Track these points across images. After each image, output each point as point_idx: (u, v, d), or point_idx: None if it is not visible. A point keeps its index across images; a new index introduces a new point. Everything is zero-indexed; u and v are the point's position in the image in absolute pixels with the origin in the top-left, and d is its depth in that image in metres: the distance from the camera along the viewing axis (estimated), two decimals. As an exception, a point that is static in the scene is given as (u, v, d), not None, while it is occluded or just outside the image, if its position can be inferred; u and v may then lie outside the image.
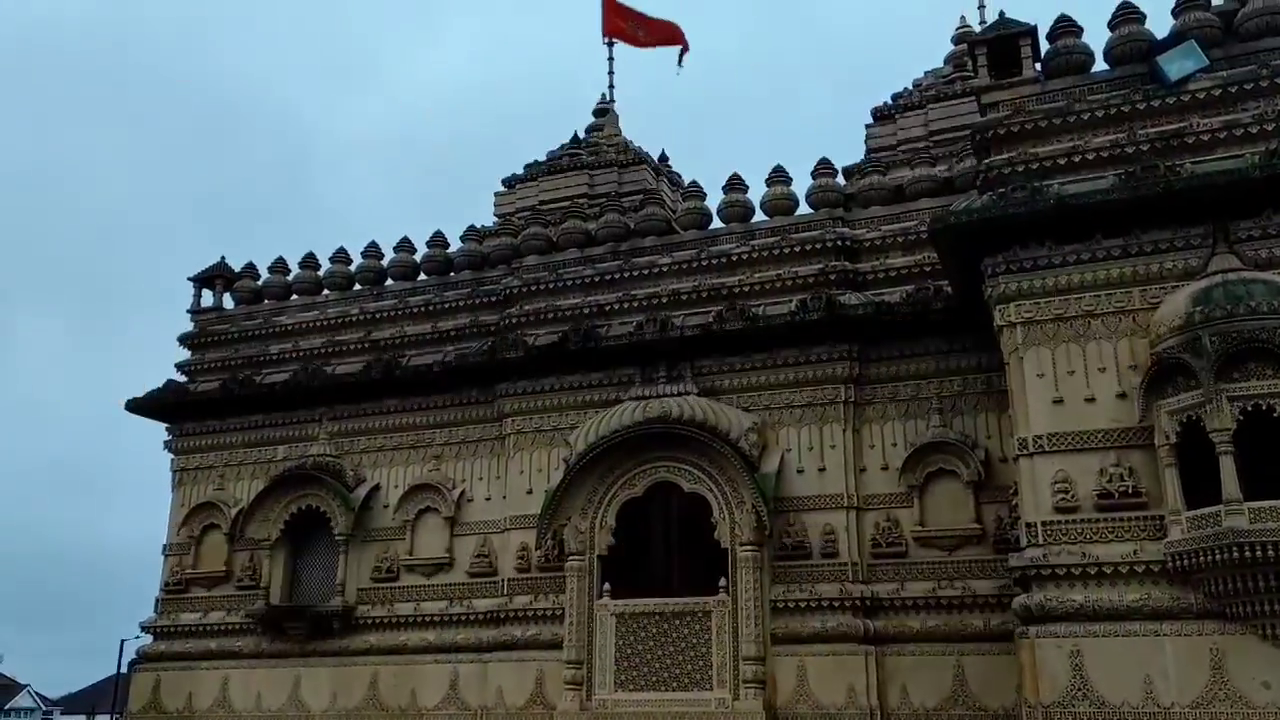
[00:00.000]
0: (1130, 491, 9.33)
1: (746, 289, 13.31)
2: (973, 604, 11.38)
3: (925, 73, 16.46)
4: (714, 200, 14.18)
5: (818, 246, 13.19)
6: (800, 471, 12.39)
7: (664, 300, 13.64)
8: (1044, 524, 9.49)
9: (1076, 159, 10.26)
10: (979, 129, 10.86)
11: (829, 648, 11.65)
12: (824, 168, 13.76)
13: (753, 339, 12.84)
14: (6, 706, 73.28)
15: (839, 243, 13.14)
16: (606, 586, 12.54)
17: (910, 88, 16.14)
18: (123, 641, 48.02)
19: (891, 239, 13.13)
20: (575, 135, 17.64)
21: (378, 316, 15.51)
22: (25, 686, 75.72)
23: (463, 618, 13.51)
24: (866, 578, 11.89)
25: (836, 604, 11.76)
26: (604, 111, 18.21)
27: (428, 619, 13.68)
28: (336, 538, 14.25)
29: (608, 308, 13.92)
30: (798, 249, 13.27)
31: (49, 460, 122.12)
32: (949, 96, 15.30)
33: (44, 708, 76.61)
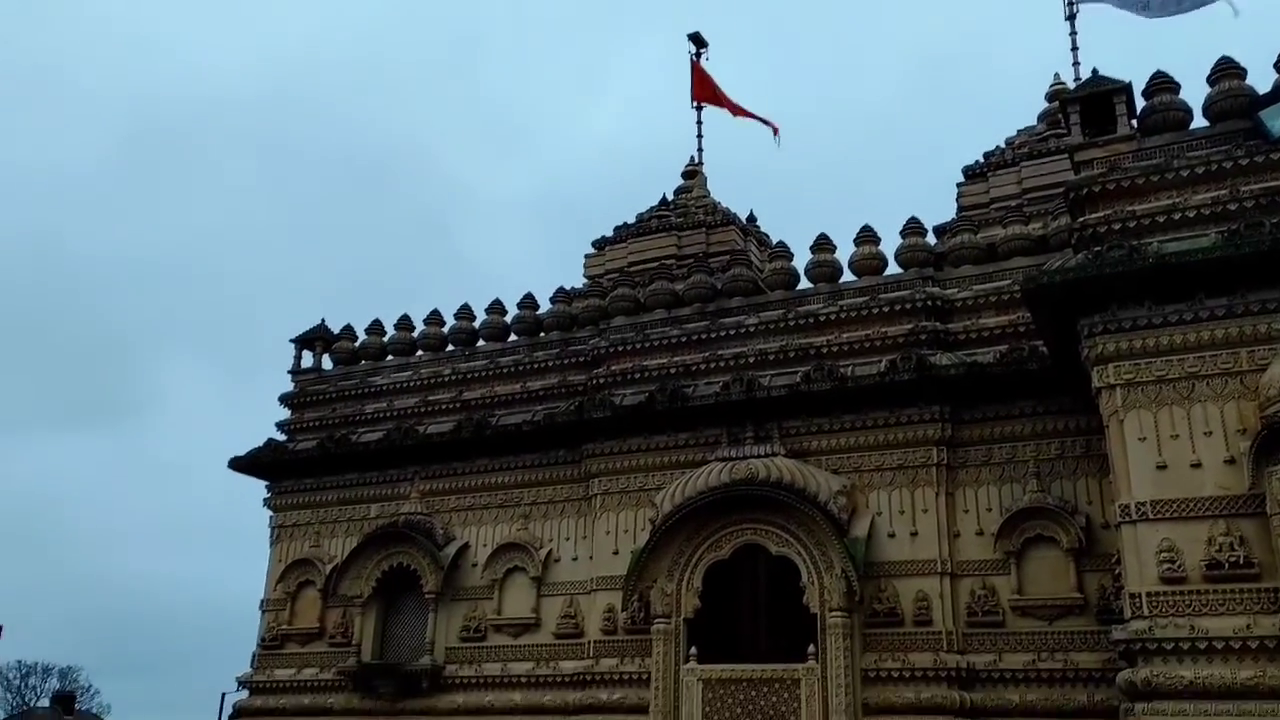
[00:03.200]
0: (1241, 562, 8.87)
1: (835, 349, 13.18)
2: (1075, 677, 10.90)
3: (1018, 130, 16.23)
4: (801, 261, 14.15)
5: (907, 306, 13.02)
6: (891, 536, 12.11)
7: (751, 360, 13.60)
8: (1149, 595, 9.07)
9: (1176, 216, 9.96)
10: (1073, 187, 10.64)
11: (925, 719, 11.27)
12: (913, 227, 13.63)
13: (841, 400, 12.68)
14: (112, 755, 75.22)
15: (929, 302, 12.95)
16: (693, 651, 12.37)
17: (1003, 146, 15.94)
18: (223, 695, 49.12)
19: (984, 298, 12.89)
20: (664, 197, 17.85)
21: (469, 376, 15.80)
22: (130, 735, 77.64)
23: (549, 679, 13.47)
24: (962, 647, 11.50)
25: (931, 674, 11.39)
26: (693, 173, 18.40)
27: (514, 680, 13.68)
28: (426, 596, 14.40)
29: (694, 368, 13.93)
30: (887, 309, 13.11)
31: (175, 514, 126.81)
32: (1042, 154, 15.05)
33: (147, 757, 78.34)
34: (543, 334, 15.79)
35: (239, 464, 16.42)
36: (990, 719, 11.13)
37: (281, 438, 16.73)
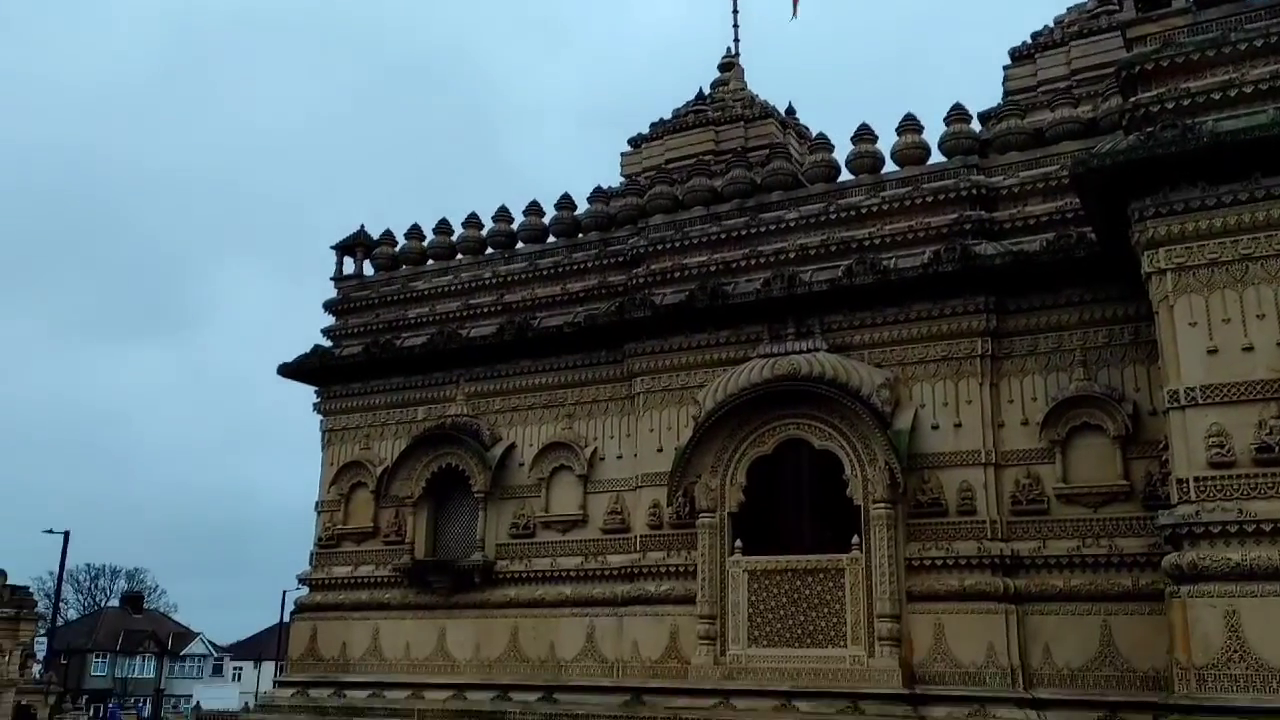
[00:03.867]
0: (1293, 445, 8.77)
1: (877, 242, 13.01)
2: (1120, 563, 10.97)
3: (1067, 9, 15.61)
4: (842, 153, 13.87)
5: (951, 196, 12.77)
6: (935, 428, 12.11)
7: (792, 256, 13.47)
8: (1197, 480, 9.03)
9: (1232, 93, 9.60)
10: (1125, 65, 10.27)
11: (968, 606, 11.43)
12: (957, 113, 13.27)
13: (884, 293, 12.56)
14: (182, 652, 78.90)
15: (974, 191, 12.69)
16: (738, 544, 12.59)
17: (1051, 25, 15.35)
18: (284, 593, 51.03)
19: (1030, 185, 12.59)
20: (700, 91, 17.48)
21: (509, 279, 15.83)
22: (198, 635, 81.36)
23: (598, 573, 13.80)
24: (1005, 535, 11.58)
25: (974, 562, 11.51)
26: (729, 66, 17.97)
27: (564, 574, 14.02)
28: (475, 495, 14.72)
29: (735, 265, 13.84)
30: (930, 199, 12.87)
31: (234, 421, 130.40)
32: (1093, 32, 14.49)
33: (215, 654, 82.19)
34: (581, 235, 15.73)
35: (287, 370, 16.72)
36: (1034, 603, 11.26)
37: (328, 344, 16.97)
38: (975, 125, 13.38)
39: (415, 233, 17.06)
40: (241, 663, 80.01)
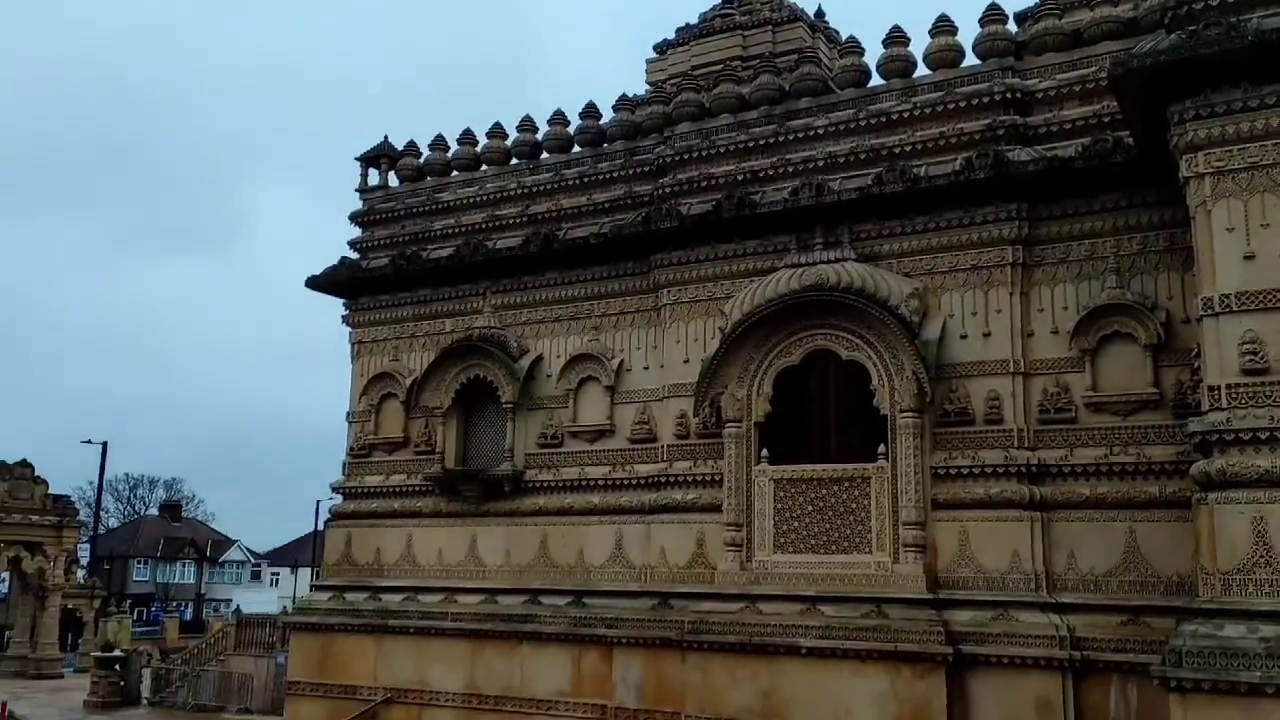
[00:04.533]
0: (1328, 352, 8.67)
1: (908, 149, 12.78)
2: (1148, 470, 10.98)
3: (1109, -98, 15.00)
4: (873, 57, 13.54)
5: (985, 100, 12.47)
6: (963, 337, 12.06)
7: (820, 164, 13.27)
8: (1228, 387, 8.96)
9: (1282, -13, 9.24)
10: (1169, -40, 9.87)
11: (993, 514, 11.51)
12: (993, 14, 12.87)
13: (914, 201, 12.39)
14: (221, 559, 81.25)
15: (1008, 95, 12.38)
16: (764, 453, 12.70)
17: (1091, -80, 14.77)
18: (318, 502, 52.23)
19: (1067, 88, 12.26)
20: (727, -6, 17.05)
21: (534, 190, 15.73)
22: (235, 542, 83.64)
23: (625, 482, 13.98)
24: (1032, 444, 11.59)
25: (1000, 470, 11.55)
26: (757, -33, 17.46)
27: (592, 483, 14.22)
28: (504, 406, 14.88)
29: (762, 174, 13.66)
30: (963, 104, 12.58)
31: (270, 333, 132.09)
32: (1136, -73, 13.93)
33: (252, 561, 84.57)
34: (607, 145, 15.53)
35: (315, 283, 16.81)
36: (1060, 510, 11.33)
37: (355, 256, 17.02)
38: (1011, 26, 12.99)
39: (439, 144, 16.93)
40: (278, 569, 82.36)
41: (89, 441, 43.89)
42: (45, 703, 22.17)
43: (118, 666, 22.57)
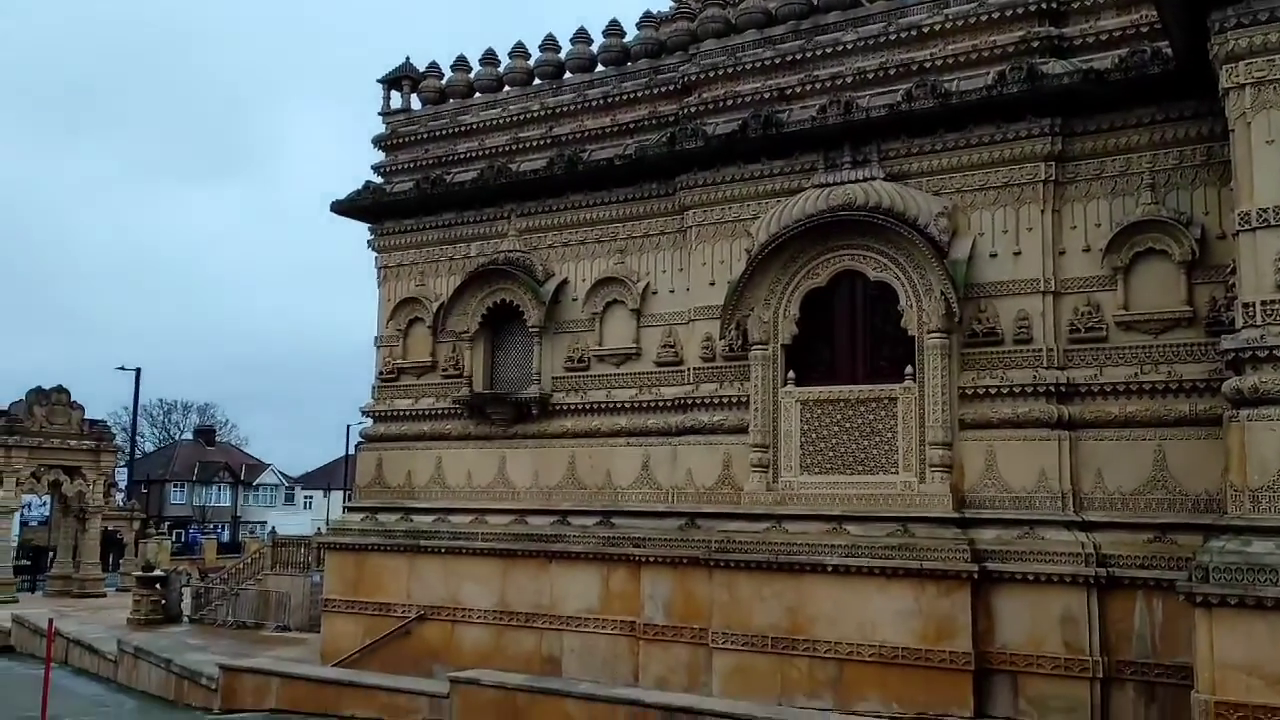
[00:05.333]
0: (1368, 267, 8.50)
1: (938, 63, 12.49)
2: (1178, 388, 10.90)
3: None
4: (904, -34, 13.14)
5: (1019, 11, 12.12)
6: (993, 256, 11.91)
7: (849, 80, 13.00)
8: (1264, 303, 8.81)
9: (1333, -114, 8.85)
10: None
11: (1020, 433, 11.51)
12: (1028, -79, 12.43)
13: (944, 118, 12.15)
14: (255, 482, 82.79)
15: (1043, 6, 12.02)
16: (791, 375, 12.70)
17: None
18: (348, 426, 52.90)
19: (1104, -2, 11.89)
20: (753, -95, 16.52)
21: (558, 111, 15.53)
22: (269, 466, 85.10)
23: (651, 404, 14.05)
24: (1062, 364, 11.52)
25: (1029, 390, 11.51)
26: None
27: (618, 405, 14.30)
28: (530, 329, 14.92)
29: (789, 91, 13.41)
30: (996, 15, 12.24)
31: (300, 260, 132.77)
32: None
33: (286, 484, 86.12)
34: (630, 64, 15.26)
35: (340, 208, 16.79)
36: (1088, 429, 11.30)
37: (379, 180, 16.94)
38: (1047, -67, 12.53)
39: (462, 65, 16.70)
40: (311, 492, 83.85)
41: (122, 368, 44.48)
42: (90, 620, 22.87)
43: (159, 586, 23.20)
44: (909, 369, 12.02)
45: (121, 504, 39.96)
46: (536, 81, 16.01)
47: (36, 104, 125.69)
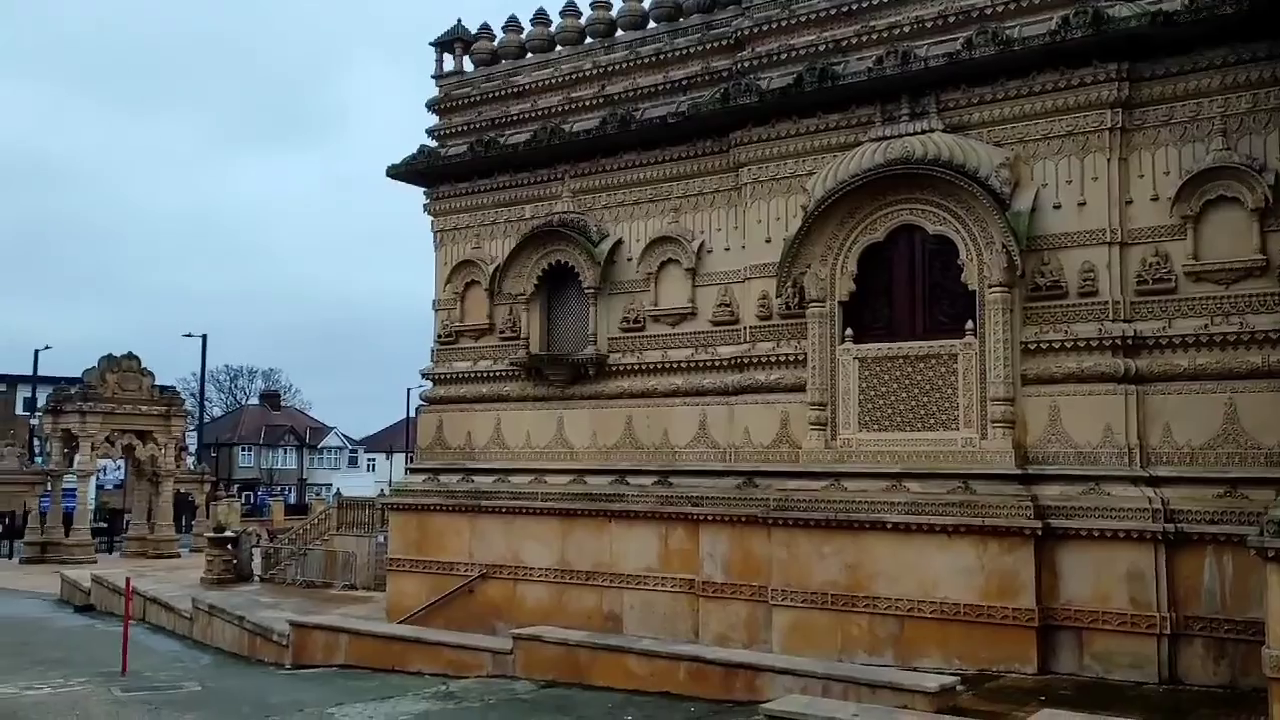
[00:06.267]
0: None
1: (999, 9, 12.14)
2: (1250, 340, 10.60)
3: None
4: (962, -90, 12.77)
5: (1083, -47, 11.73)
6: (1057, 207, 11.64)
7: (906, 30, 12.71)
8: (1342, 252, 8.55)
9: None
10: None
11: (1085, 388, 11.30)
12: None
13: (1005, 66, 11.84)
14: (320, 445, 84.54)
15: (1109, -54, 11.63)
16: (848, 332, 12.59)
17: None
18: (409, 390, 53.69)
19: (1174, -64, 11.46)
20: None
21: (610, 70, 15.43)
22: (333, 429, 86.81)
23: (708, 364, 14.03)
24: (1129, 316, 11.26)
25: (1094, 343, 11.28)
26: None
27: (674, 365, 14.31)
28: (585, 290, 14.95)
29: (845, 43, 13.16)
30: (1059, -42, 11.86)
31: (366, 225, 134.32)
32: None
33: (349, 447, 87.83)
34: (682, 19, 15.08)
35: (395, 172, 16.90)
36: (1155, 383, 11.06)
37: (433, 144, 17.02)
38: None
39: (513, 25, 16.65)
40: (374, 454, 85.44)
41: (189, 335, 45.56)
42: (165, 579, 23.64)
43: (230, 546, 23.84)
44: (969, 324, 11.85)
45: (192, 467, 41.07)
46: (588, 40, 15.91)
47: (107, 75, 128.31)
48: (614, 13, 15.69)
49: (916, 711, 8.87)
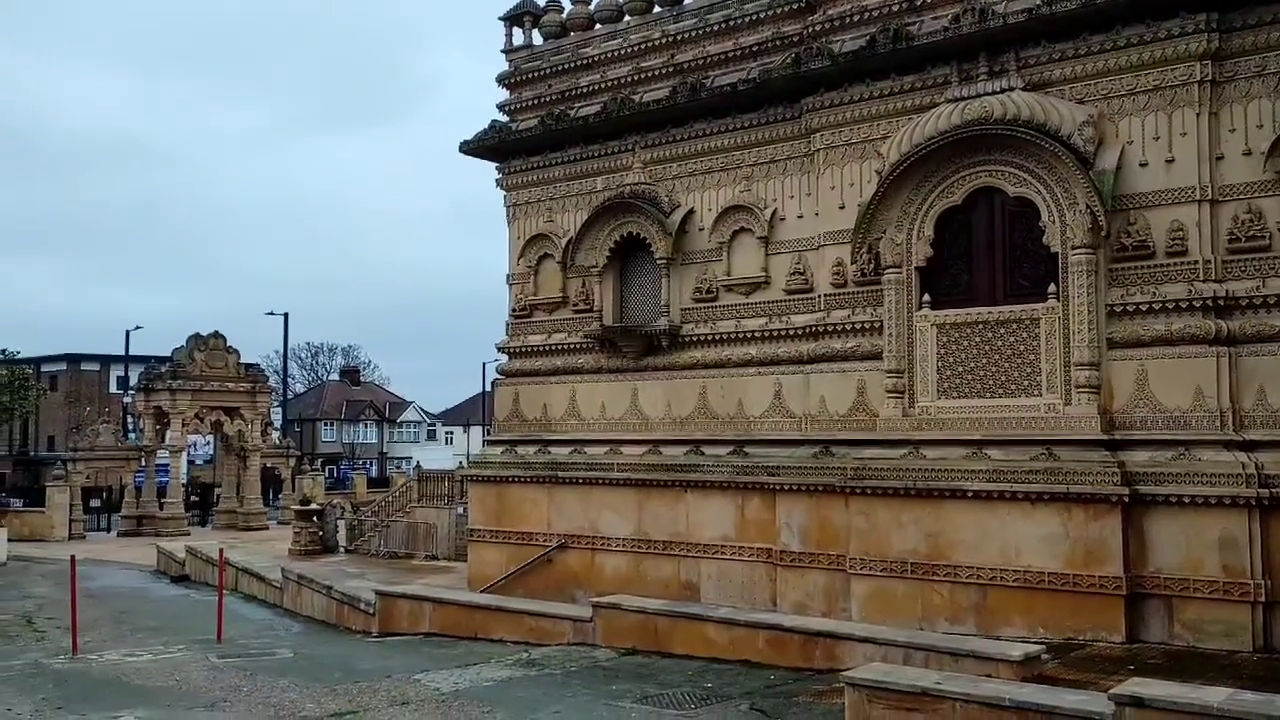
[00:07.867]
0: None
1: (1081, -39, 11.75)
2: (1350, 299, 10.19)
3: None
4: None
5: (1171, -102, 11.27)
6: (1143, 165, 11.27)
7: (983, -14, 12.37)
8: None
9: None
10: None
11: (1174, 350, 10.97)
12: None
13: (1088, 19, 11.46)
14: (399, 419, 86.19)
15: (1198, -110, 11.14)
16: (926, 298, 12.39)
17: None
18: (484, 364, 54.36)
19: (1268, -124, 10.94)
20: None
21: (679, 38, 15.31)
22: (411, 403, 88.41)
23: (782, 333, 13.94)
24: (1220, 276, 10.89)
25: (1184, 305, 10.93)
26: None
27: (748, 335, 14.24)
28: (658, 261, 14.94)
29: (919, 2, 12.85)
30: (1145, -95, 11.41)
31: (447, 203, 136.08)
32: None
33: (428, 421, 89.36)
34: (751, -17, 14.89)
35: (467, 148, 17.04)
36: (1249, 345, 10.69)
37: (504, 119, 17.10)
38: None
39: (581, -5, 16.60)
40: (452, 428, 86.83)
41: (271, 313, 46.70)
42: (255, 551, 24.40)
43: (316, 519, 24.52)
44: (1052, 288, 11.57)
45: (277, 442, 42.20)
46: (656, 9, 15.80)
47: (191, 60, 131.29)
48: (682, -20, 15.53)
49: (1001, 680, 8.76)
